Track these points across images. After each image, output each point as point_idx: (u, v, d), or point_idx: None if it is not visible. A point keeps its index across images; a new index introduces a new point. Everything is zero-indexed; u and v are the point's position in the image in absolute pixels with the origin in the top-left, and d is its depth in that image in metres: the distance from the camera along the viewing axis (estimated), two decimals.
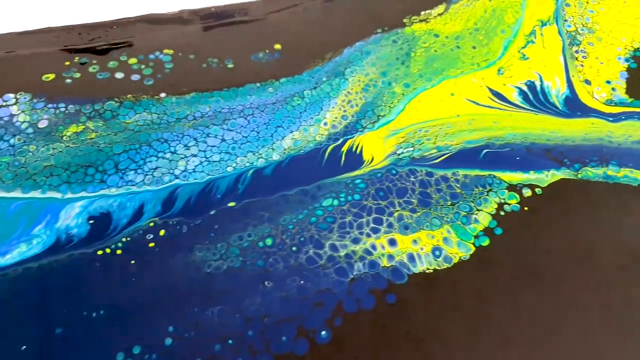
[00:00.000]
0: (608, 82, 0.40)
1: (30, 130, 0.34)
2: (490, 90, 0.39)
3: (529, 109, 0.38)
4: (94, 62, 0.38)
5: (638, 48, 0.42)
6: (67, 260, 0.29)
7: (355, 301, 0.29)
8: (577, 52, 0.42)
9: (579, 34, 0.43)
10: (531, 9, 0.44)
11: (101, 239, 0.30)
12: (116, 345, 0.27)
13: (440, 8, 0.43)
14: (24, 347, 0.26)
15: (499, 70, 0.40)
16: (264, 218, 0.32)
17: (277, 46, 0.40)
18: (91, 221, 0.30)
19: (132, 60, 0.38)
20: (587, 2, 0.45)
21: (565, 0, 0.45)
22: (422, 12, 0.43)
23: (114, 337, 0.27)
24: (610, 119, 0.38)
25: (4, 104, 0.35)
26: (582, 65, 0.41)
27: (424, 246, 0.31)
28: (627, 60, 0.42)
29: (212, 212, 0.32)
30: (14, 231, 0.30)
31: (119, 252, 0.30)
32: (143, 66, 0.38)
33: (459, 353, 0.28)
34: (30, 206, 0.30)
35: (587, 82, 0.40)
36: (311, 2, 0.42)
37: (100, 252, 0.29)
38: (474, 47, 0.41)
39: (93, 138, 0.34)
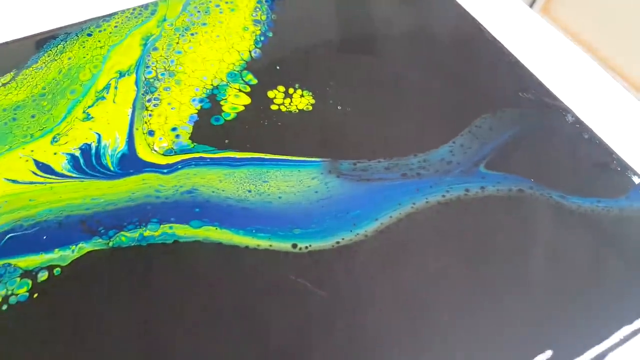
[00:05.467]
0: (174, 129, 0.40)
1: None
2: (37, 163, 0.37)
3: (76, 177, 0.37)
4: None
5: (217, 86, 0.42)
6: None
7: None
8: (149, 100, 0.41)
9: (158, 79, 0.42)
10: (113, 60, 0.43)
11: None
12: None
13: (7, 77, 0.41)
14: None
15: (54, 137, 0.39)
16: None
17: None
18: None
19: None
20: (177, 43, 0.45)
21: (154, 44, 0.44)
22: None
23: None
24: (165, 170, 0.38)
25: None
26: (150, 115, 0.40)
27: None
28: (201, 100, 0.41)
29: None
30: None
31: None
32: None
33: None
34: None
35: (151, 132, 0.39)
36: None
37: None
38: (32, 116, 0.40)
39: None
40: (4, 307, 0.32)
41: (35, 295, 0.32)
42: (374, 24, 0.50)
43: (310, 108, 0.42)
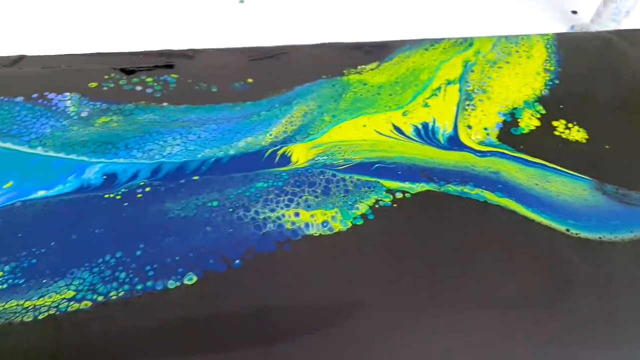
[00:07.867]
0: (485, 128, 0.55)
1: (76, 117, 0.52)
2: (394, 125, 0.54)
3: (418, 141, 0.53)
4: (124, 78, 0.56)
5: (516, 107, 0.57)
6: (86, 198, 0.46)
7: (262, 246, 0.44)
8: (468, 105, 0.57)
9: (475, 92, 0.58)
10: (443, 71, 0.60)
11: (109, 188, 0.47)
12: (108, 249, 0.43)
13: (373, 65, 0.60)
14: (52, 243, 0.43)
15: (404, 112, 0.56)
16: (215, 189, 0.48)
17: (250, 80, 0.57)
18: (104, 177, 0.47)
19: (149, 79, 0.56)
20: (488, 70, 0.61)
21: (472, 67, 0.61)
22: (359, 67, 0.59)
23: (107, 243, 0.43)
24: (478, 154, 0.53)
25: (62, 99, 0.53)
26: (469, 115, 0.56)
27: (317, 219, 0.47)
28: (504, 115, 0.57)
29: (182, 181, 0.48)
30: (56, 177, 0.47)
31: (118, 197, 0.46)
32: (155, 84, 0.56)
33: (321, 285, 0.43)
34: (68, 163, 0.48)
35: (469, 127, 0.55)
36: (278, 55, 0.60)
37: (107, 196, 0.46)
38: (390, 95, 0.57)
39: (114, 127, 0.51)
40: (377, 205, 0.48)
41: (395, 205, 0.48)
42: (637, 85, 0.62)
43: (584, 141, 0.55)
